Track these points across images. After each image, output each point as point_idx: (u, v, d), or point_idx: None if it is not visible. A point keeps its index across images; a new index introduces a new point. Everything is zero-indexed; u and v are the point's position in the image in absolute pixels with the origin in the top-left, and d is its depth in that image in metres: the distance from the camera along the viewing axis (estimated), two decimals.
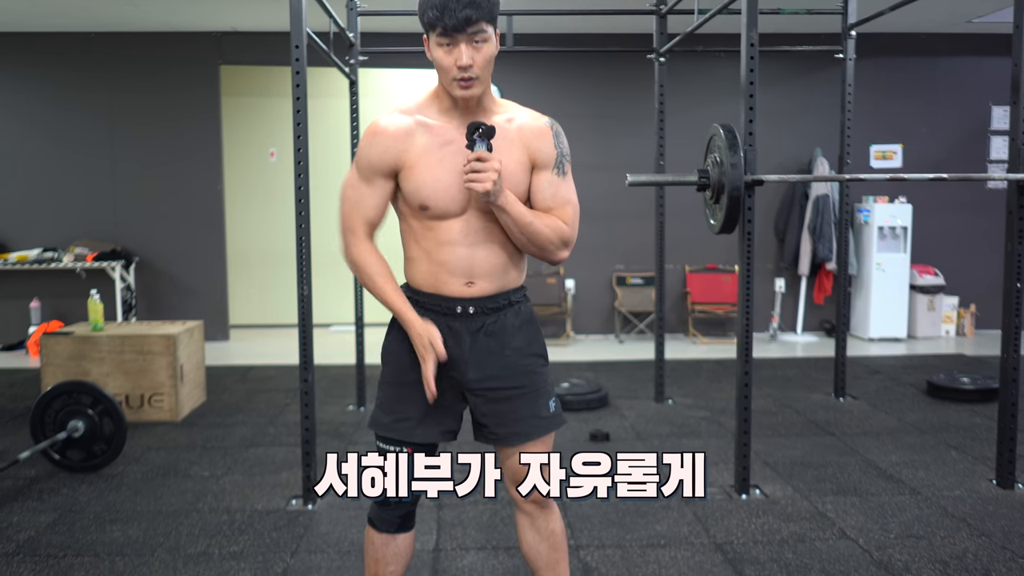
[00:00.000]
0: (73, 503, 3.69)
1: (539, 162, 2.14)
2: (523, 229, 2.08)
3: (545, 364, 2.27)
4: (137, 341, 5.02)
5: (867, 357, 6.98)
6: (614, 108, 7.84)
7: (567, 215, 2.15)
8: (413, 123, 2.10)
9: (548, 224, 2.11)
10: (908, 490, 3.82)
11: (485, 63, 2.02)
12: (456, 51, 1.99)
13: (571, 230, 2.16)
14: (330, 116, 8.22)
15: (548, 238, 2.11)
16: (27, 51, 7.62)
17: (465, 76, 2.01)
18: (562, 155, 2.16)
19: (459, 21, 1.95)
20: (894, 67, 8.00)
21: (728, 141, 3.49)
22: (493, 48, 2.04)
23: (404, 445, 2.16)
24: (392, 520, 2.22)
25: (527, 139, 2.13)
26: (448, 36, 1.97)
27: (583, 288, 8.01)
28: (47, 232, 7.69)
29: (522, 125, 2.14)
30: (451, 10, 1.94)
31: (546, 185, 2.14)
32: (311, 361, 3.66)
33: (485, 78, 2.05)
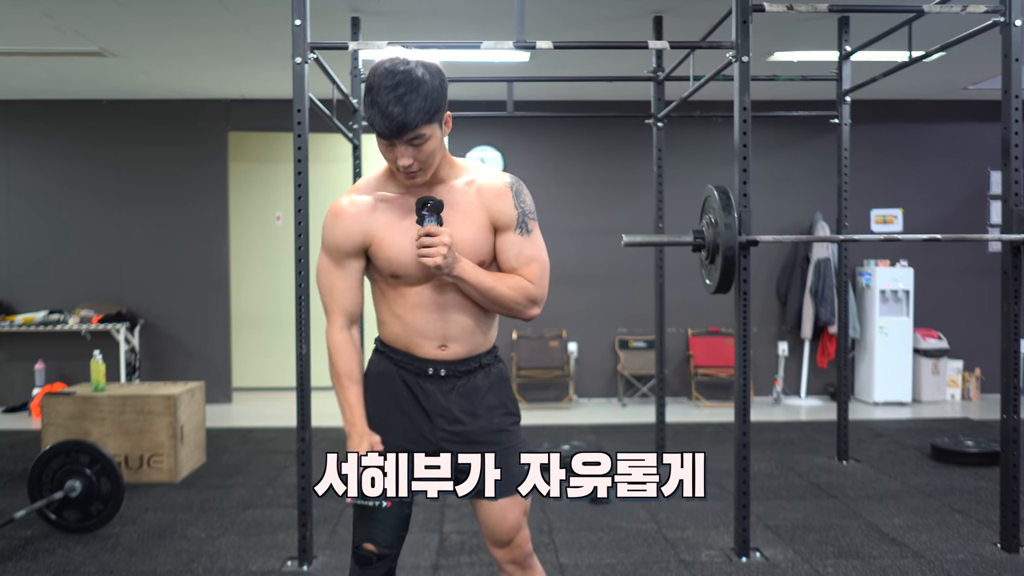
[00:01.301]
0: (67, 564, 3.67)
1: (501, 224, 2.15)
2: (485, 294, 2.11)
3: (517, 422, 2.28)
4: (138, 401, 5.03)
5: (871, 420, 6.95)
6: (614, 172, 7.94)
7: (533, 273, 2.17)
8: (372, 199, 2.14)
9: (511, 286, 2.13)
10: (911, 553, 3.77)
11: (427, 157, 2.04)
12: (395, 151, 2.02)
13: (537, 288, 2.17)
14: (334, 180, 8.32)
15: (513, 299, 2.14)
16: (39, 117, 7.78)
17: (409, 172, 2.05)
18: (524, 214, 2.17)
19: (395, 129, 1.97)
20: (893, 133, 8.11)
21: (722, 202, 3.54)
22: (436, 142, 2.05)
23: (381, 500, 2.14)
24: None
25: (487, 202, 2.15)
26: (385, 139, 2.01)
27: (586, 351, 8.02)
28: (53, 294, 7.75)
29: (481, 187, 2.16)
30: (389, 118, 1.95)
31: (509, 246, 2.16)
32: (308, 420, 3.67)
33: (430, 165, 2.08)
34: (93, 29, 5.51)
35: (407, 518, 2.19)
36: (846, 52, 5.30)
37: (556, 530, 4.08)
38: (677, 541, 3.95)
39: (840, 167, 5.41)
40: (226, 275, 7.93)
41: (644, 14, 5.22)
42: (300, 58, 3.64)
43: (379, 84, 1.97)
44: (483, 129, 7.87)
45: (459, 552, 3.79)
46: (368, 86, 2.00)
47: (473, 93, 7.43)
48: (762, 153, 7.79)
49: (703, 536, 4.02)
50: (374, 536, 2.14)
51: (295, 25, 3.63)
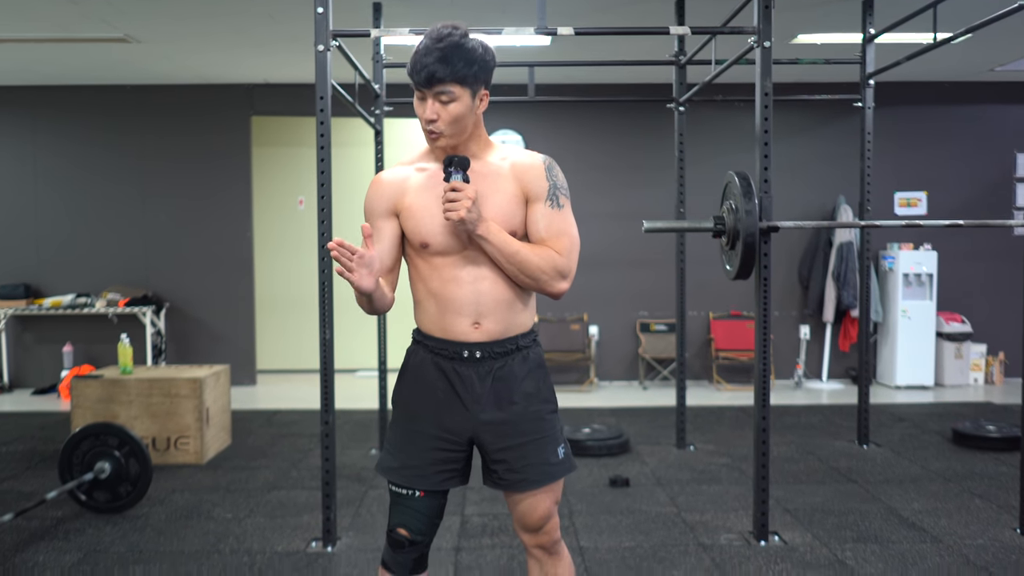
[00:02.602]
0: (98, 543, 3.75)
1: (532, 195, 2.19)
2: (510, 259, 2.11)
3: (554, 411, 2.29)
4: (164, 384, 5.11)
5: (892, 404, 6.93)
6: (636, 157, 7.93)
7: (562, 245, 2.18)
8: (410, 170, 2.22)
9: (538, 253, 2.14)
10: (930, 538, 3.78)
11: (451, 119, 2.09)
12: (424, 104, 2.10)
13: (566, 260, 2.17)
14: (357, 164, 8.38)
15: (539, 266, 2.13)
16: (65, 103, 7.86)
17: (431, 129, 2.11)
18: (555, 187, 2.21)
19: (424, 78, 2.05)
20: (918, 115, 8.04)
21: (743, 188, 3.54)
22: (462, 108, 2.10)
23: (415, 489, 2.21)
24: (405, 563, 2.23)
25: (519, 173, 2.19)
26: (419, 90, 2.09)
27: (607, 334, 8.04)
28: (81, 278, 7.86)
29: (515, 162, 2.21)
30: (422, 66, 2.05)
31: (539, 216, 2.19)
32: (332, 404, 3.71)
33: (453, 133, 2.12)
34: (117, 16, 5.57)
35: (441, 507, 2.25)
36: (870, 35, 5.26)
37: (576, 513, 4.12)
38: (696, 524, 3.98)
39: (863, 151, 5.38)
40: (250, 258, 8.01)
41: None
42: (322, 46, 3.66)
43: (428, 37, 2.08)
44: (505, 113, 7.87)
45: (480, 535, 3.84)
46: (418, 43, 2.10)
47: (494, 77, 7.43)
48: (785, 136, 7.76)
49: (722, 519, 4.05)
50: (407, 523, 2.21)
51: (317, 13, 3.65)
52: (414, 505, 2.21)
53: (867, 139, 5.37)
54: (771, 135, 3.69)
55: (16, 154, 7.88)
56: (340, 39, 3.88)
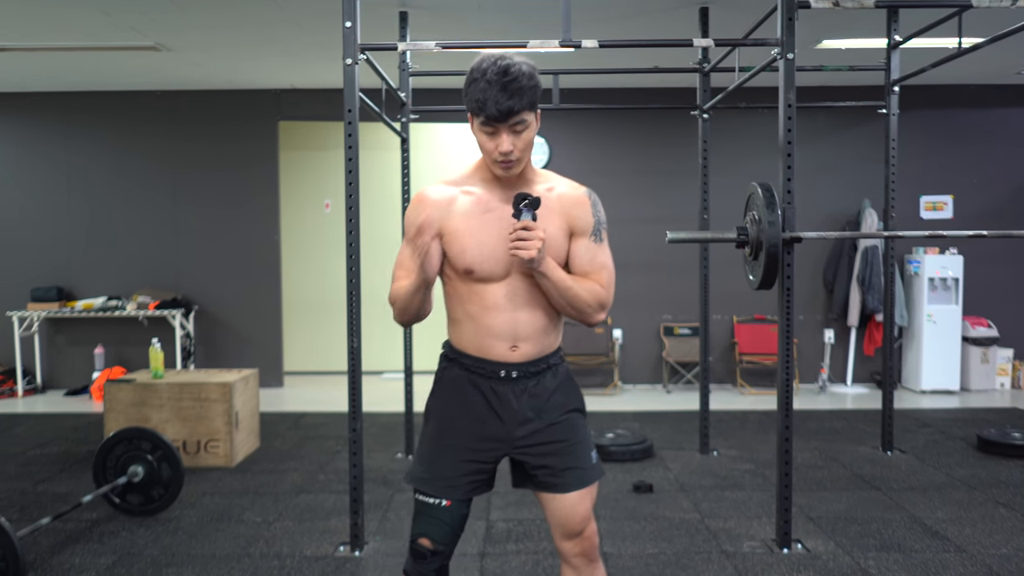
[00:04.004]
0: (131, 546, 3.84)
1: (577, 229, 2.25)
2: (563, 293, 2.18)
3: (583, 416, 2.37)
4: (195, 389, 5.20)
5: (917, 410, 6.91)
6: (659, 161, 7.96)
7: (603, 279, 2.25)
8: (456, 192, 2.24)
9: (586, 288, 2.21)
10: (953, 547, 3.79)
11: (525, 146, 2.16)
12: (498, 137, 2.13)
13: (607, 293, 2.25)
14: (383, 168, 8.47)
15: (586, 301, 2.21)
16: (97, 109, 8.00)
17: (506, 160, 2.14)
18: (599, 223, 2.28)
19: (501, 112, 2.09)
20: (944, 119, 8.01)
21: (766, 199, 3.57)
22: (533, 132, 2.17)
23: (442, 499, 2.26)
24: (427, 573, 2.27)
25: (566, 207, 2.25)
26: (490, 125, 2.12)
27: (631, 338, 8.07)
28: (112, 281, 7.99)
29: (562, 194, 2.27)
30: (495, 101, 2.08)
31: (583, 251, 2.25)
32: (360, 411, 3.78)
33: (525, 158, 2.19)
34: (148, 25, 5.67)
35: (464, 517, 2.29)
36: (895, 42, 5.25)
37: (600, 518, 4.16)
38: (719, 531, 4.01)
39: (887, 158, 5.38)
40: (277, 262, 8.11)
41: (690, 5, 5.23)
42: (351, 59, 3.73)
43: (488, 71, 2.10)
44: None
45: (505, 540, 3.90)
46: (474, 77, 2.12)
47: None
48: (810, 140, 7.76)
49: (745, 527, 4.08)
50: (430, 532, 2.24)
51: (346, 27, 3.71)
52: (439, 515, 2.26)
53: (892, 145, 5.36)
54: (794, 146, 3.71)
55: (49, 159, 8.02)
56: (368, 52, 3.95)
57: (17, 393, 7.75)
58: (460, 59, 6.47)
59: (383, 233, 8.26)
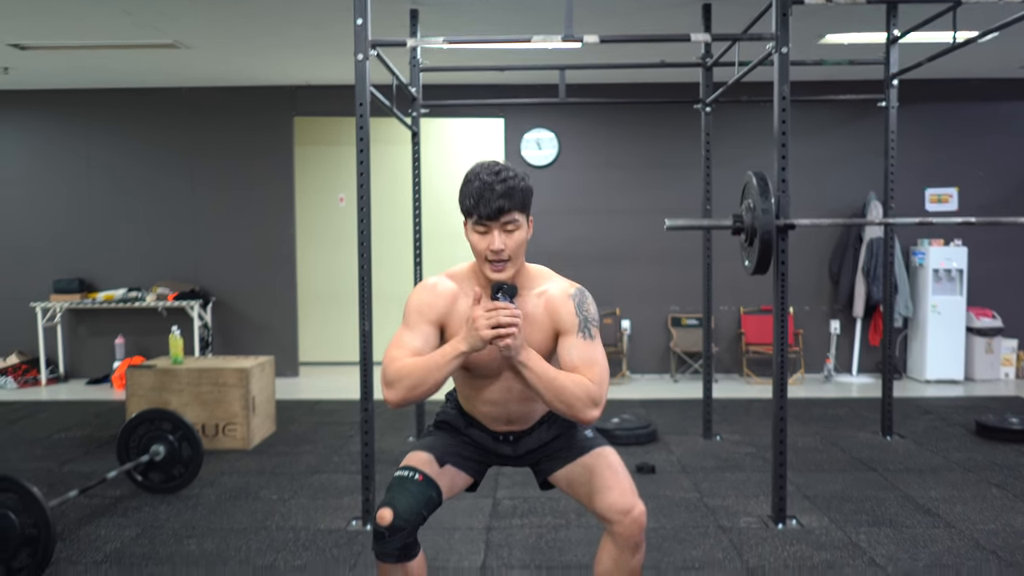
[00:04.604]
0: (154, 520, 4.03)
1: (563, 328, 2.34)
2: (547, 385, 2.21)
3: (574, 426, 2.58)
4: (213, 374, 5.39)
5: (920, 398, 7.03)
6: (665, 154, 8.09)
7: (594, 374, 2.26)
8: (457, 290, 2.38)
9: (574, 380, 2.23)
10: (943, 524, 3.93)
11: (516, 246, 2.27)
12: (489, 236, 2.26)
13: (599, 389, 2.25)
14: (395, 161, 8.65)
15: (575, 394, 2.21)
16: (117, 105, 8.21)
17: (497, 259, 2.27)
18: (586, 320, 2.34)
19: (492, 211, 2.22)
20: (949, 112, 8.11)
21: (760, 187, 3.71)
22: (525, 233, 2.29)
23: (416, 472, 2.40)
24: (391, 552, 2.32)
25: (552, 311, 2.36)
26: (483, 224, 2.25)
27: (638, 328, 8.21)
28: (132, 273, 8.21)
29: (549, 299, 2.37)
30: (486, 201, 2.22)
31: (571, 347, 2.31)
32: (371, 391, 3.94)
33: (517, 259, 2.30)
34: (167, 23, 5.85)
35: (431, 502, 2.36)
36: (894, 36, 5.37)
37: None
38: (717, 509, 4.16)
39: (887, 150, 5.49)
40: (293, 254, 8.30)
41: (693, 1, 5.36)
42: (362, 55, 3.89)
43: (481, 172, 2.26)
44: (538, 112, 8.09)
45: (511, 515, 4.06)
46: (468, 179, 2.27)
47: (528, 78, 7.66)
48: (815, 133, 7.89)
49: (743, 504, 4.22)
50: (395, 503, 2.31)
51: (357, 24, 3.87)
52: (409, 487, 2.35)
53: (891, 138, 5.48)
54: (788, 136, 3.84)
55: (71, 155, 8.24)
56: (379, 48, 4.11)
57: (41, 382, 7.97)
58: (468, 55, 6.64)
59: (394, 225, 8.43)
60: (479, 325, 2.16)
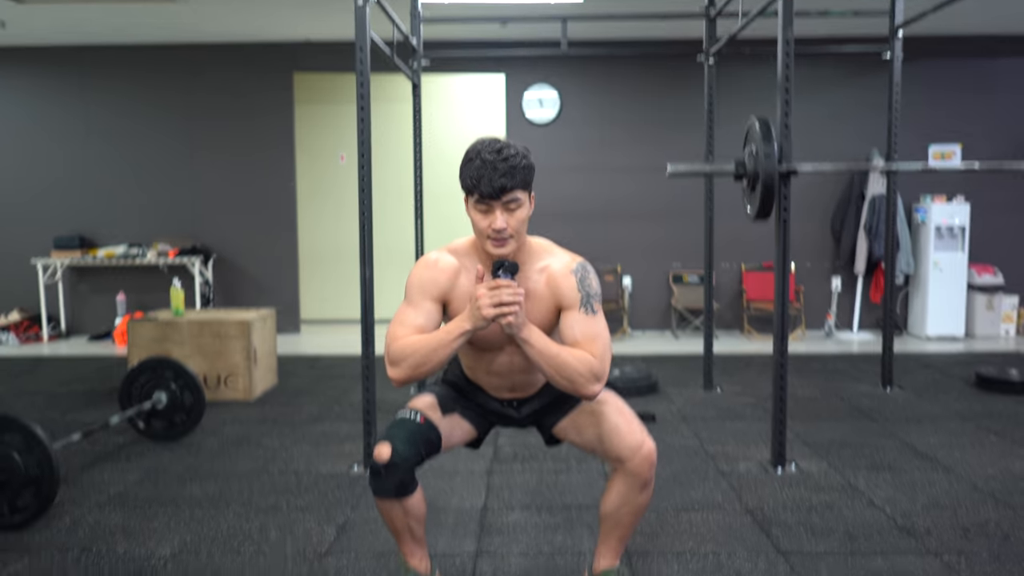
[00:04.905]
0: (157, 465, 4.05)
1: (565, 304, 2.33)
2: (549, 361, 2.22)
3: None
4: (214, 326, 5.39)
5: (920, 353, 7.05)
6: (668, 110, 8.04)
7: (596, 349, 2.26)
8: (459, 266, 2.37)
9: (576, 356, 2.23)
10: (941, 468, 3.95)
11: (518, 224, 2.25)
12: (491, 215, 2.23)
13: (600, 364, 2.24)
14: (396, 120, 8.59)
15: (577, 370, 2.21)
16: (116, 62, 8.15)
17: (499, 237, 2.25)
18: (588, 296, 2.33)
19: (495, 190, 2.19)
20: (953, 69, 8.04)
21: (763, 132, 3.69)
22: (526, 211, 2.27)
23: (418, 414, 2.42)
24: (388, 488, 2.35)
25: (553, 287, 2.34)
26: (484, 202, 2.23)
27: (640, 285, 8.21)
28: (132, 230, 8.20)
29: (551, 274, 2.35)
30: (488, 180, 2.19)
31: (574, 322, 2.30)
32: (372, 339, 3.95)
33: (518, 236, 2.28)
34: None
35: (431, 445, 2.40)
36: None
37: None
38: (717, 454, 4.18)
39: (891, 102, 5.45)
40: (293, 212, 8.28)
41: None
42: (362, 0, 3.85)
43: (483, 150, 2.22)
44: (540, 69, 8.03)
45: (511, 461, 4.08)
46: (469, 157, 2.23)
47: (530, 33, 7.58)
48: (820, 89, 7.83)
49: (742, 451, 4.24)
50: (393, 438, 2.34)
51: None
52: (409, 426, 2.38)
53: (895, 90, 5.44)
54: (792, 83, 3.81)
55: (70, 112, 8.20)
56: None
57: (42, 338, 7.99)
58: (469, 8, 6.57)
59: (395, 183, 8.41)
60: (481, 304, 2.16)
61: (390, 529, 2.52)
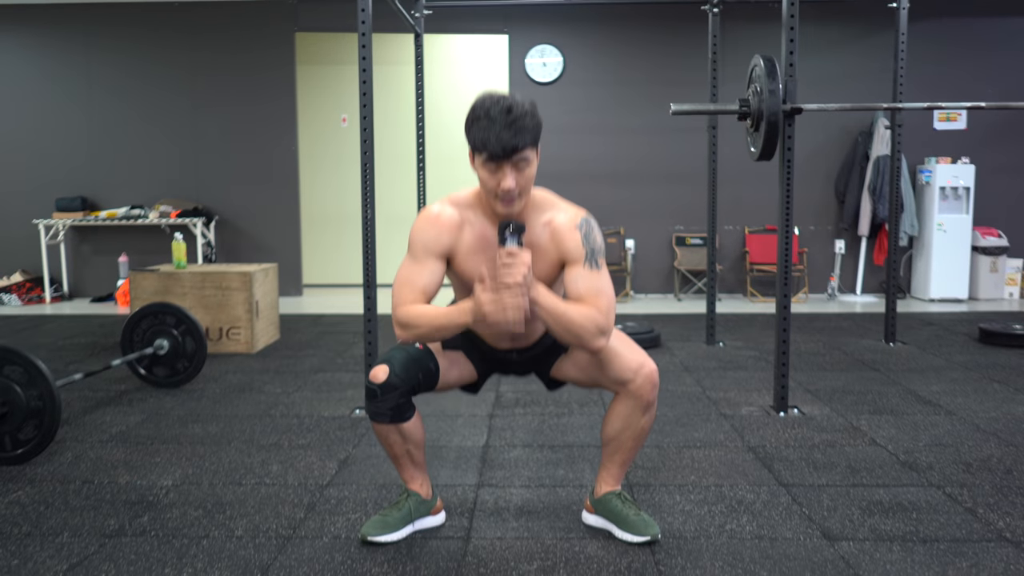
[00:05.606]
0: (159, 408, 4.06)
1: (570, 258, 2.31)
2: (557, 319, 2.22)
3: None
4: (216, 278, 5.38)
5: (923, 313, 7.03)
6: (673, 71, 7.97)
7: (601, 304, 2.25)
8: (461, 219, 2.35)
9: (582, 312, 2.22)
10: (944, 412, 3.94)
11: (526, 182, 2.23)
12: (500, 173, 2.20)
13: (605, 319, 2.24)
14: (398, 81, 8.55)
15: (583, 326, 2.22)
16: (116, 21, 8.10)
17: (511, 196, 2.22)
18: (592, 251, 2.31)
19: (505, 150, 2.16)
20: (959, 28, 7.97)
21: (767, 70, 3.65)
22: (534, 169, 2.25)
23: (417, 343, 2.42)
24: (383, 412, 2.37)
25: (558, 241, 2.32)
26: (494, 161, 2.19)
27: (643, 248, 8.19)
28: (134, 191, 8.18)
29: (555, 228, 2.33)
30: (498, 138, 2.15)
31: (578, 276, 2.28)
32: (374, 280, 3.92)
33: (527, 193, 2.27)
34: None
35: (429, 373, 2.42)
36: None
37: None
38: (720, 400, 4.18)
39: (896, 52, 5.40)
40: (295, 174, 8.25)
41: None
42: None
43: (490, 109, 2.18)
44: (543, 28, 7.97)
45: (513, 405, 4.08)
46: (476, 115, 2.19)
47: None
48: (823, 51, 7.78)
49: (745, 397, 4.24)
50: (391, 360, 2.37)
51: None
52: (408, 350, 2.40)
53: (901, 39, 5.39)
54: (797, 20, 3.77)
55: (71, 72, 8.16)
56: None
57: (45, 300, 7.99)
58: None
59: (398, 146, 8.37)
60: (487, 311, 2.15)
61: (389, 455, 2.53)
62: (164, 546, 2.48)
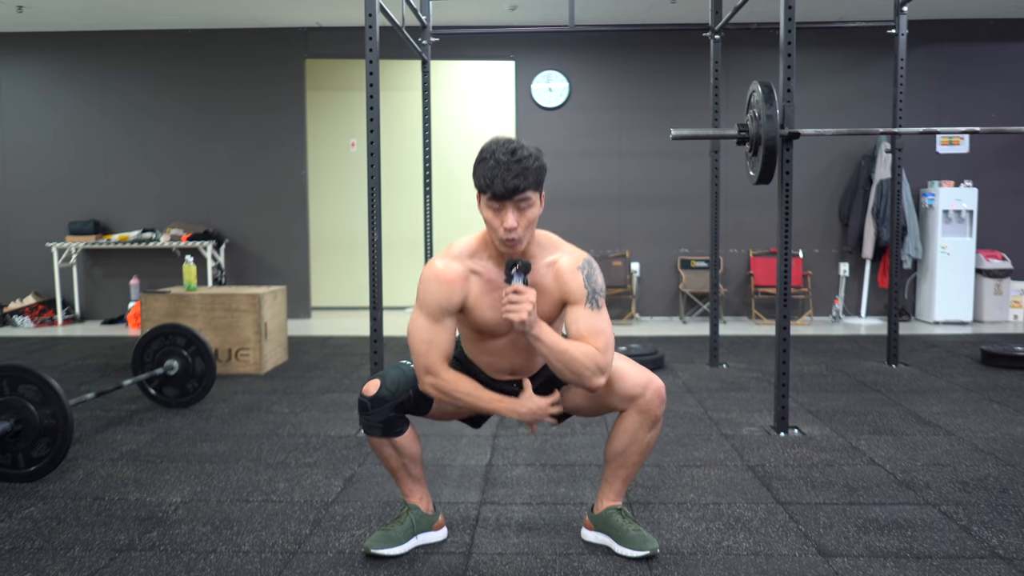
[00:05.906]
0: (168, 428, 4.12)
1: (571, 299, 2.38)
2: (558, 356, 2.30)
3: None
4: (226, 299, 5.47)
5: (927, 335, 7.06)
6: (677, 96, 8.08)
7: (600, 343, 2.32)
8: (466, 270, 2.42)
9: (582, 350, 2.30)
10: (943, 432, 3.98)
11: (528, 224, 2.32)
12: (503, 214, 2.29)
13: (604, 358, 2.31)
14: (406, 107, 8.67)
15: (583, 363, 2.29)
16: (129, 47, 8.25)
17: (510, 237, 2.31)
18: (593, 292, 2.38)
19: (507, 190, 2.26)
20: (961, 54, 8.05)
21: (765, 95, 3.73)
22: (537, 210, 2.34)
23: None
24: (374, 424, 2.48)
25: (562, 282, 2.40)
26: (497, 201, 2.28)
27: (648, 271, 8.25)
28: (146, 215, 8.30)
29: (559, 270, 2.41)
30: (501, 179, 2.25)
31: (579, 317, 2.36)
32: (380, 301, 3.99)
33: (528, 235, 2.35)
34: None
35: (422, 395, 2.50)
36: None
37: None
38: (721, 420, 4.23)
39: (896, 77, 5.48)
40: (304, 198, 8.36)
41: None
42: None
43: (497, 151, 2.28)
44: (549, 54, 8.09)
45: (517, 425, 4.12)
46: (483, 156, 2.29)
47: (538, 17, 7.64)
48: (824, 78, 7.87)
49: (746, 417, 4.29)
50: (385, 375, 2.49)
51: None
52: (402, 368, 2.52)
53: (900, 65, 5.47)
54: (794, 47, 3.85)
55: (84, 97, 8.30)
56: None
57: (57, 322, 8.09)
58: None
59: (404, 169, 8.47)
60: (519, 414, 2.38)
61: (386, 468, 2.62)
62: (172, 560, 2.54)
